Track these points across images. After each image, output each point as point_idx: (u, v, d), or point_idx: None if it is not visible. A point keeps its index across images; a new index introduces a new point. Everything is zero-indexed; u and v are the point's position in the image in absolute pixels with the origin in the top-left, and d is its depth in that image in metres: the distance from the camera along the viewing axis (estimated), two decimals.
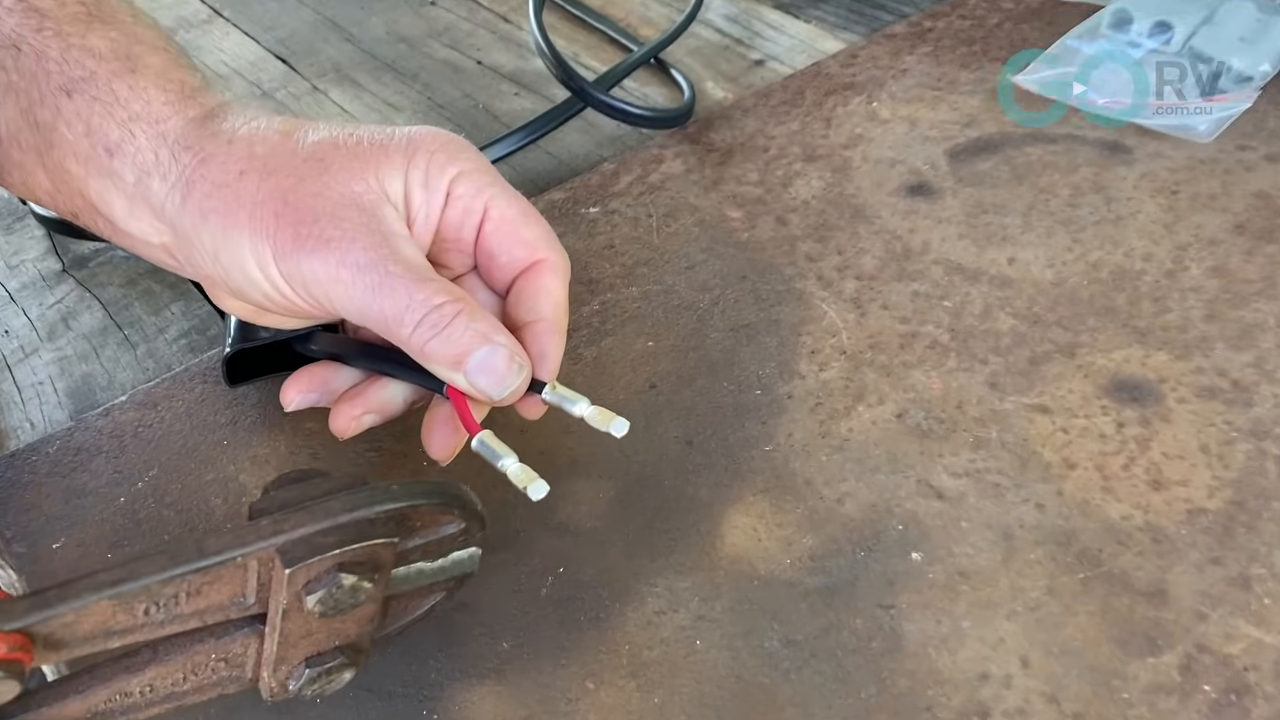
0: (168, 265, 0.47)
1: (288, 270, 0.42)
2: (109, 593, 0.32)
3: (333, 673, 0.38)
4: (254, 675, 0.38)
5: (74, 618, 0.32)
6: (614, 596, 0.45)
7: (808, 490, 0.48)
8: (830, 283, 0.58)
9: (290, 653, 0.37)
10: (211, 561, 0.33)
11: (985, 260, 0.58)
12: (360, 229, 0.42)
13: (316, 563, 0.34)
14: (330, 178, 0.43)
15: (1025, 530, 0.46)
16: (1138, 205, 0.61)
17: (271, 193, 0.42)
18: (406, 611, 0.42)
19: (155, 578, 0.33)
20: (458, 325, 0.42)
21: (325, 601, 0.35)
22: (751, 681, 0.42)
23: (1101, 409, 0.50)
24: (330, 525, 0.35)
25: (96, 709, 0.35)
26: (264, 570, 0.35)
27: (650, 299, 0.58)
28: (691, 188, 0.64)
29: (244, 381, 0.54)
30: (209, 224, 0.42)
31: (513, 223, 0.46)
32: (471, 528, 0.39)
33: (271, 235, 0.42)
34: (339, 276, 0.41)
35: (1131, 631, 0.42)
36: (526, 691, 0.42)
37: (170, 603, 0.34)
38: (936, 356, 0.54)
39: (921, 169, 0.64)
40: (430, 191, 0.45)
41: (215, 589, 0.34)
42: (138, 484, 0.51)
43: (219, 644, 0.37)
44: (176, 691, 0.37)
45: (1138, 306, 0.55)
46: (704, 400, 0.52)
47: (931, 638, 0.43)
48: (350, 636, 0.38)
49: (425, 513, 0.37)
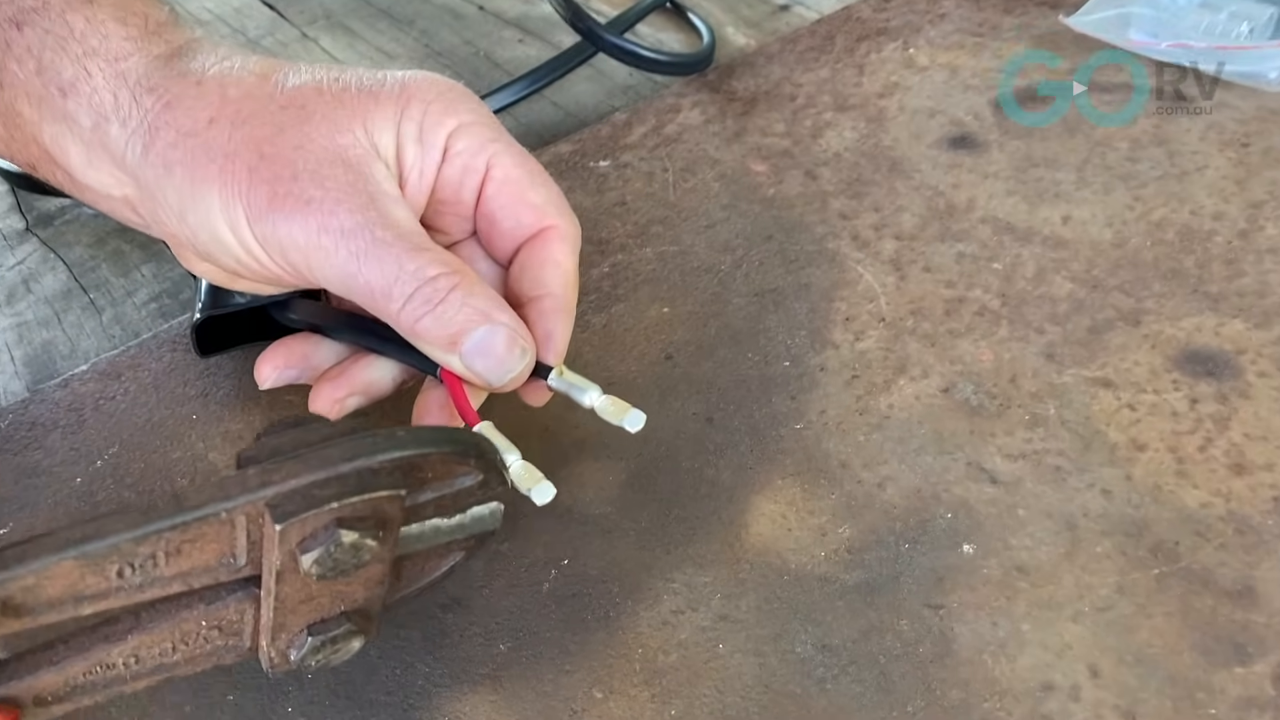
0: (132, 222, 0.42)
1: (262, 234, 0.37)
2: (73, 552, 0.29)
3: (338, 641, 0.35)
4: (252, 644, 0.35)
5: (35, 581, 0.29)
6: (625, 593, 0.40)
7: (844, 474, 0.43)
8: (866, 243, 0.53)
9: (289, 619, 0.34)
10: (190, 517, 0.30)
11: (1037, 219, 0.53)
12: (345, 188, 0.37)
13: (311, 517, 0.31)
14: (312, 128, 0.38)
15: (1090, 520, 0.41)
16: (1205, 159, 0.55)
17: (245, 143, 0.37)
18: (422, 574, 0.38)
19: (126, 535, 0.29)
20: (453, 301, 0.37)
21: (323, 562, 0.31)
22: (781, 691, 0.37)
23: (1172, 383, 0.45)
24: (327, 475, 0.31)
25: (75, 682, 0.32)
26: (253, 527, 0.31)
27: (666, 261, 0.53)
28: (711, 139, 0.59)
29: (216, 352, 0.49)
30: (174, 178, 0.38)
31: (518, 184, 0.42)
32: (490, 479, 0.36)
33: (244, 194, 0.37)
34: (320, 243, 0.37)
35: (1216, 637, 0.38)
36: (525, 701, 0.38)
37: (147, 564, 0.30)
38: (986, 324, 0.48)
39: (964, 119, 0.59)
40: (425, 147, 0.40)
41: (199, 548, 0.31)
42: (96, 463, 0.46)
43: (210, 610, 0.33)
44: (166, 662, 0.34)
45: (1208, 270, 0.50)
46: (726, 373, 0.48)
47: (987, 642, 0.38)
48: (357, 601, 0.35)
49: (437, 462, 0.34)
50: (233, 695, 0.38)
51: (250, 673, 0.39)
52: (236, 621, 0.34)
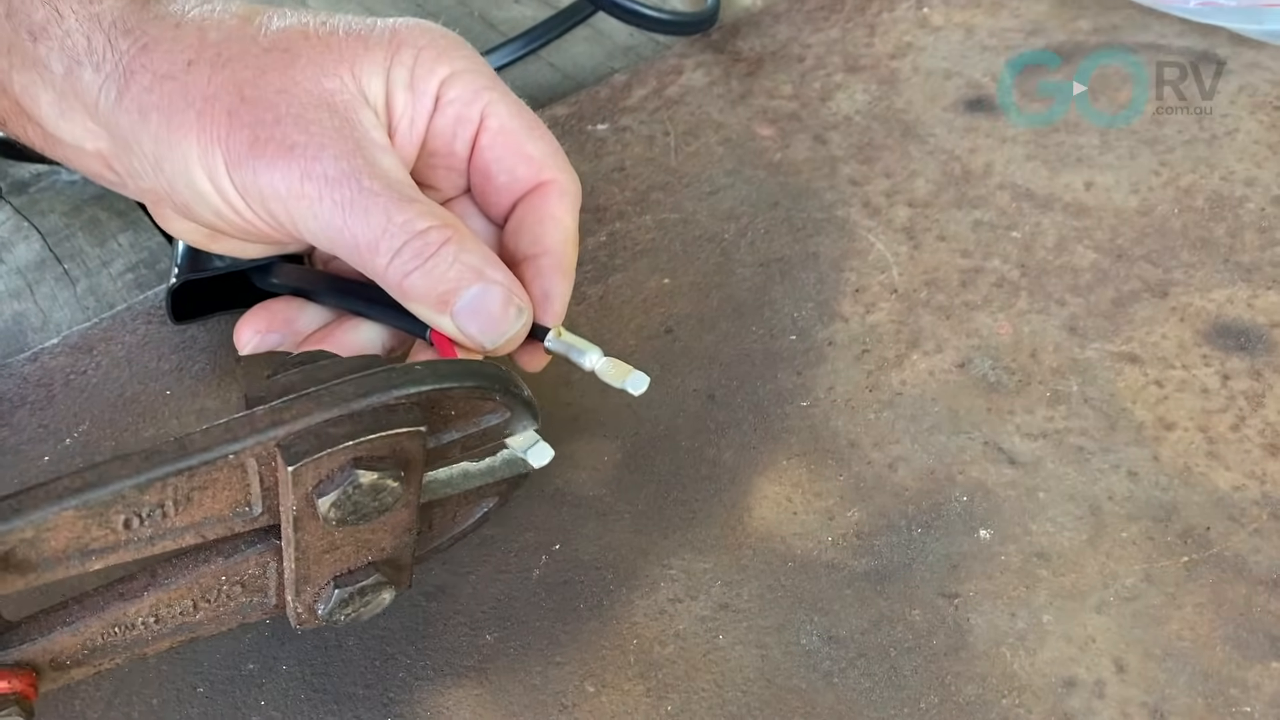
0: (107, 180, 0.40)
1: (242, 182, 0.35)
2: (74, 502, 0.27)
3: (367, 593, 0.33)
4: (278, 600, 0.33)
5: (35, 533, 0.27)
6: (620, 580, 0.38)
7: (853, 454, 0.41)
8: (878, 210, 0.50)
9: (314, 571, 0.32)
10: (197, 461, 0.28)
11: (1058, 185, 0.50)
12: (331, 134, 0.35)
13: (326, 458, 0.29)
14: (297, 71, 0.36)
15: (1116, 503, 0.39)
16: (1235, 123, 0.52)
17: (225, 86, 0.35)
18: (454, 522, 0.36)
19: (129, 482, 0.28)
20: (444, 256, 0.35)
21: (342, 505, 0.30)
22: (785, 686, 0.35)
23: (1202, 358, 0.43)
24: (341, 413, 0.29)
25: (93, 644, 0.31)
26: (266, 471, 0.30)
27: (666, 229, 0.50)
28: (715, 102, 0.56)
29: (192, 319, 0.47)
30: (149, 124, 0.36)
31: (515, 135, 0.39)
32: (519, 416, 0.34)
33: (224, 139, 0.35)
34: (303, 191, 0.35)
35: (1250, 628, 0.35)
36: (513, 694, 0.36)
37: (155, 514, 0.29)
38: (1004, 296, 0.46)
39: (981, 81, 0.56)
40: (416, 94, 0.38)
41: (210, 496, 0.29)
42: (65, 440, 0.44)
43: (229, 564, 0.32)
44: (189, 621, 0.32)
45: (1240, 239, 0.47)
46: (729, 347, 0.45)
47: (1005, 634, 0.36)
48: (385, 550, 0.33)
49: (459, 399, 0.32)
50: (202, 688, 0.36)
51: (221, 666, 0.37)
52: (259, 576, 0.33)
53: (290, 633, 0.37)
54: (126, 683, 0.36)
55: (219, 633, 0.33)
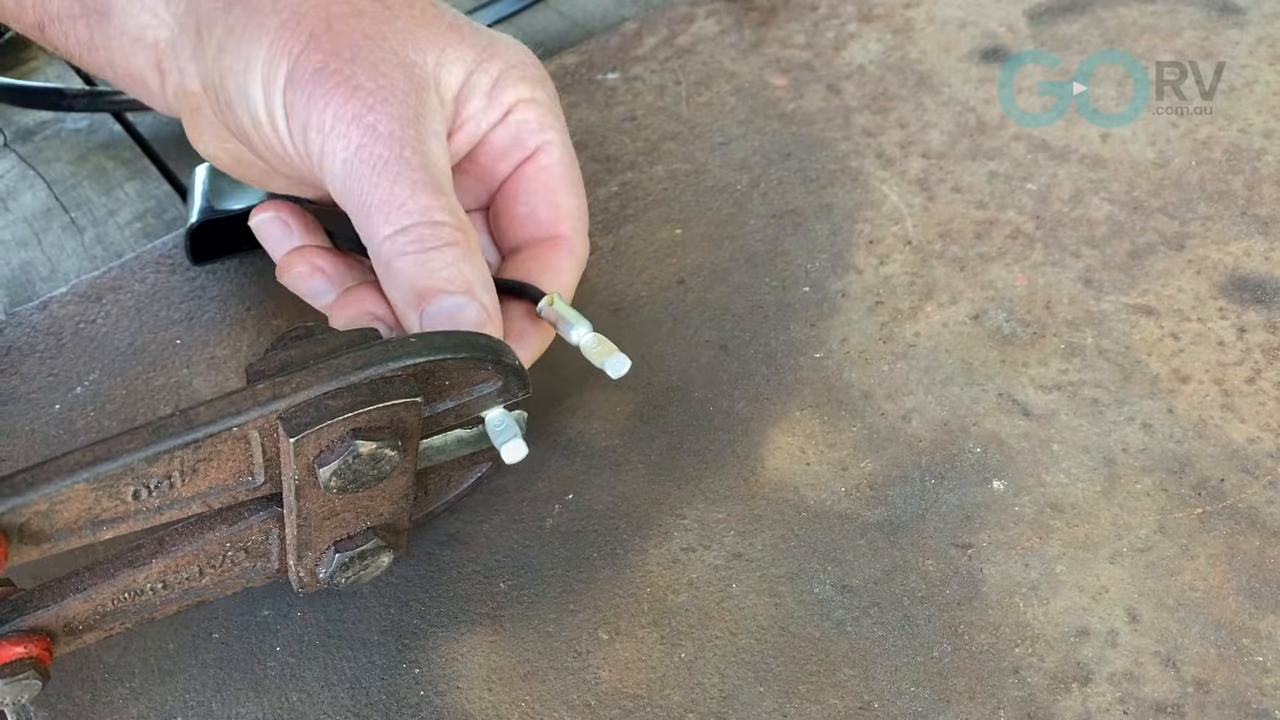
0: (146, 84, 0.39)
1: (293, 101, 0.35)
2: (85, 475, 0.28)
3: (366, 557, 0.34)
4: (280, 565, 0.34)
5: (49, 506, 0.28)
6: (633, 529, 0.38)
7: (866, 405, 0.41)
8: (892, 161, 0.49)
9: (315, 537, 0.33)
10: (201, 434, 0.29)
11: (1074, 136, 0.50)
12: (398, 94, 0.35)
13: (326, 429, 0.30)
14: (391, 30, 0.36)
15: (1130, 455, 0.39)
16: (1254, 74, 0.52)
17: (318, 9, 0.35)
18: (448, 487, 0.37)
19: (137, 455, 0.29)
20: (445, 255, 0.34)
21: (342, 474, 0.30)
22: (799, 634, 0.35)
23: (1218, 311, 0.42)
24: (339, 386, 0.30)
25: (104, 609, 0.32)
26: (268, 442, 0.30)
27: (678, 180, 0.50)
28: (727, 51, 0.56)
29: (209, 260, 0.47)
30: (230, 14, 0.35)
31: (555, 180, 0.40)
32: (510, 385, 0.34)
33: (294, 55, 0.34)
34: (347, 132, 0.34)
35: (1264, 579, 0.36)
36: (527, 642, 0.36)
37: (163, 485, 0.30)
38: (1019, 248, 0.45)
39: (997, 31, 0.55)
40: (492, 102, 0.38)
41: (214, 467, 0.30)
42: (75, 389, 0.44)
43: (233, 531, 0.32)
44: (195, 586, 0.33)
45: (1258, 191, 0.47)
46: (741, 298, 0.45)
47: (1018, 584, 0.36)
48: (383, 516, 0.34)
49: (453, 369, 0.32)
50: (218, 634, 0.36)
51: (236, 612, 0.37)
52: (261, 542, 0.33)
53: None
54: (142, 629, 0.36)
55: (223, 596, 0.34)
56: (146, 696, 0.35)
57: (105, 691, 0.35)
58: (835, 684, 0.34)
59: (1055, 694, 0.33)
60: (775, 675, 0.34)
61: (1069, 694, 0.33)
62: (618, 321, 0.44)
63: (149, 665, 0.36)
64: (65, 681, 0.35)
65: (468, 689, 0.35)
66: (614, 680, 0.35)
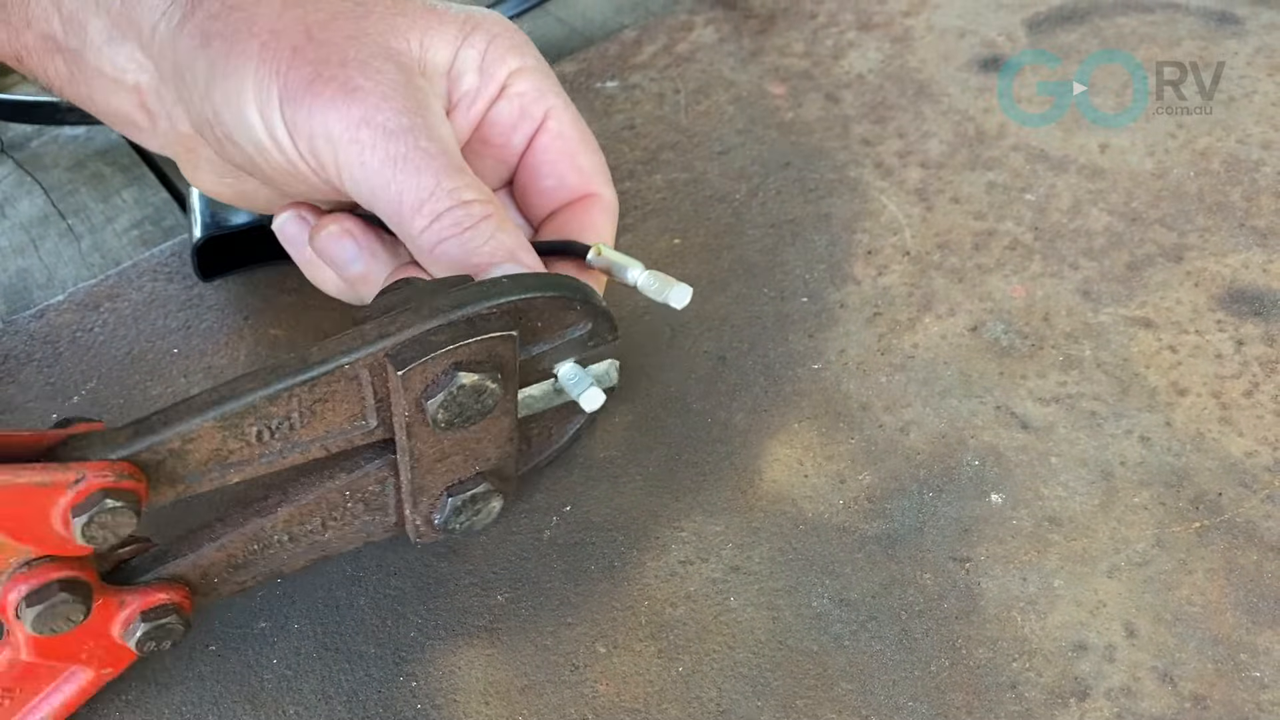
0: (133, 123, 0.39)
1: (294, 118, 0.34)
2: (213, 414, 0.31)
3: (478, 501, 0.36)
4: (397, 517, 0.36)
5: (180, 444, 0.31)
6: (631, 542, 0.38)
7: (864, 417, 0.41)
8: (890, 171, 0.49)
9: (428, 480, 0.35)
10: (317, 372, 0.31)
11: (1073, 146, 0.50)
12: (397, 87, 0.35)
13: (430, 361, 0.32)
14: (369, 24, 0.36)
15: (1128, 468, 0.39)
16: (1253, 85, 0.52)
17: (294, 23, 0.35)
18: (549, 439, 0.39)
19: (260, 393, 0.31)
20: (483, 230, 0.35)
21: (449, 406, 0.32)
22: (796, 648, 0.35)
23: (1216, 324, 0.42)
24: (440, 323, 0.32)
25: (235, 559, 0.34)
26: (378, 382, 0.32)
27: (677, 189, 0.50)
28: (726, 59, 0.56)
29: (217, 275, 0.46)
30: (209, 50, 0.35)
31: (571, 143, 0.39)
32: (599, 328, 0.36)
33: (283, 73, 0.34)
34: (358, 137, 0.34)
35: (1261, 594, 0.36)
36: (524, 655, 0.35)
37: (284, 427, 0.32)
38: (1018, 259, 0.45)
39: (996, 40, 0.55)
40: (485, 77, 0.38)
41: (330, 408, 0.32)
42: (73, 398, 0.44)
43: (351, 479, 0.34)
44: (319, 540, 0.35)
45: (1256, 203, 0.47)
46: (740, 309, 0.45)
47: (1016, 598, 0.36)
48: (490, 460, 0.35)
49: (545, 310, 0.34)
50: (214, 645, 0.36)
51: (233, 624, 0.37)
52: (379, 493, 0.35)
53: (301, 592, 0.37)
54: None
55: (346, 550, 0.36)
56: (142, 709, 0.35)
57: (102, 704, 0.35)
58: (833, 698, 0.34)
59: (1053, 709, 0.33)
60: (773, 689, 0.34)
61: (1066, 709, 0.33)
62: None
63: (145, 677, 0.36)
64: None
65: (465, 702, 0.35)
66: (611, 694, 0.35)
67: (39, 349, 0.46)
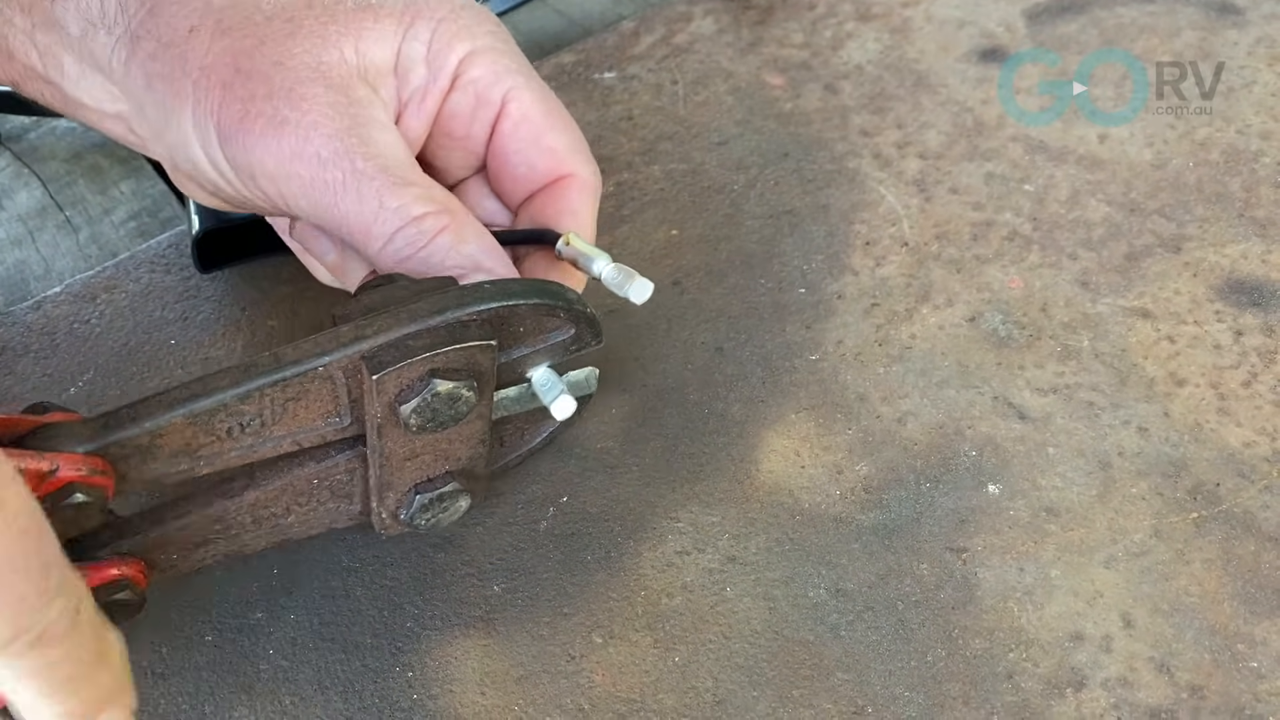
0: (130, 142, 0.39)
1: (233, 155, 0.34)
2: (183, 410, 0.30)
3: (445, 500, 0.35)
4: (363, 506, 0.36)
5: (149, 440, 0.30)
6: (627, 532, 0.38)
7: (861, 408, 0.41)
8: (889, 162, 0.49)
9: (396, 478, 0.34)
10: (290, 373, 0.31)
11: (1072, 137, 0.49)
12: (324, 110, 0.34)
13: (406, 368, 0.31)
14: (296, 43, 0.35)
15: (1125, 459, 0.38)
16: (1253, 75, 0.52)
17: (223, 55, 0.34)
18: (523, 439, 0.39)
19: (231, 392, 0.31)
20: (440, 245, 0.34)
21: (422, 412, 0.32)
22: (792, 638, 0.35)
23: (1215, 314, 0.42)
24: (418, 329, 0.32)
25: (197, 538, 0.34)
26: (353, 383, 0.32)
27: (675, 180, 0.49)
28: (724, 50, 0.55)
29: (216, 268, 0.46)
30: (154, 92, 0.35)
31: (536, 125, 0.38)
32: (583, 334, 0.35)
33: (216, 111, 0.34)
34: (293, 170, 0.34)
35: (1259, 585, 0.35)
36: (520, 645, 0.35)
37: (254, 423, 0.32)
38: (1016, 250, 0.45)
39: (995, 31, 0.55)
40: (433, 70, 0.37)
41: (303, 406, 0.32)
42: (69, 390, 0.44)
43: (320, 468, 0.34)
44: (282, 524, 0.35)
45: (1255, 193, 0.46)
46: (737, 300, 0.45)
47: (1013, 589, 0.36)
48: (461, 460, 0.35)
49: (527, 316, 0.34)
50: (211, 636, 0.36)
51: (229, 615, 0.37)
52: (346, 482, 0.35)
53: (298, 582, 0.37)
54: (136, 631, 0.36)
55: (308, 536, 0.36)
56: (139, 699, 0.35)
57: None
58: (829, 688, 0.34)
59: (1049, 699, 0.33)
60: (769, 679, 0.34)
61: (1063, 699, 0.33)
62: (613, 323, 0.44)
63: (141, 668, 0.36)
64: None
65: (461, 692, 0.35)
66: (607, 684, 0.35)
67: (36, 340, 0.46)
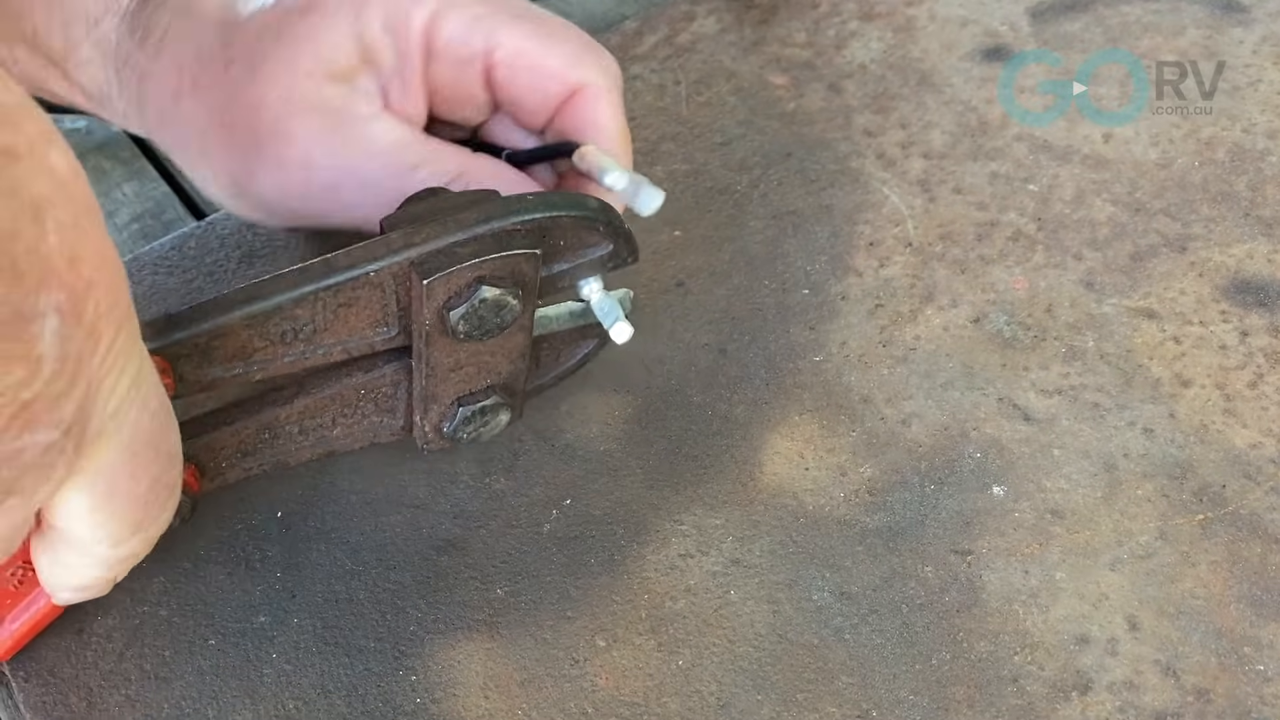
0: None
1: (260, 198, 0.37)
2: (240, 313, 0.31)
3: (487, 413, 0.37)
4: (406, 421, 0.37)
5: (208, 340, 0.31)
6: (631, 535, 0.38)
7: (865, 409, 0.40)
8: (892, 162, 0.49)
9: (440, 389, 0.35)
10: (343, 278, 0.32)
11: (1077, 137, 0.49)
12: (315, 138, 0.35)
13: (455, 274, 0.32)
14: (262, 85, 0.35)
15: (1131, 461, 0.38)
16: (1258, 74, 0.51)
17: (210, 115, 0.36)
18: (558, 360, 0.40)
19: (287, 295, 0.32)
20: None
21: (469, 319, 0.33)
22: (796, 641, 0.35)
23: (1221, 314, 0.42)
24: (466, 236, 0.32)
25: (246, 445, 0.35)
26: (401, 291, 0.33)
27: (678, 180, 0.49)
28: (727, 50, 0.55)
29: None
30: (174, 153, 0.39)
31: (530, 55, 0.37)
32: (620, 250, 0.36)
33: (227, 167, 0.37)
34: (316, 202, 0.36)
35: (1265, 587, 0.35)
36: (524, 648, 0.35)
37: (307, 329, 0.33)
38: (1021, 250, 0.45)
39: (999, 30, 0.55)
40: (402, 42, 0.36)
41: (353, 313, 0.33)
42: None
43: (366, 379, 0.35)
44: (327, 435, 0.36)
45: (1261, 193, 0.46)
46: (741, 301, 0.44)
47: (1018, 591, 0.36)
48: (501, 374, 0.36)
49: (569, 230, 0.34)
50: (214, 640, 0.36)
51: (232, 618, 0.37)
52: (391, 395, 0.36)
53: (301, 586, 0.37)
54: (139, 635, 0.36)
55: (351, 449, 0.37)
56: (142, 703, 0.35)
57: (101, 698, 0.35)
58: (833, 692, 0.34)
59: (1055, 703, 0.33)
60: (773, 683, 0.34)
61: (1069, 703, 0.33)
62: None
63: (145, 672, 0.36)
64: (61, 688, 0.35)
65: (464, 696, 0.35)
66: (611, 688, 0.35)
67: None
